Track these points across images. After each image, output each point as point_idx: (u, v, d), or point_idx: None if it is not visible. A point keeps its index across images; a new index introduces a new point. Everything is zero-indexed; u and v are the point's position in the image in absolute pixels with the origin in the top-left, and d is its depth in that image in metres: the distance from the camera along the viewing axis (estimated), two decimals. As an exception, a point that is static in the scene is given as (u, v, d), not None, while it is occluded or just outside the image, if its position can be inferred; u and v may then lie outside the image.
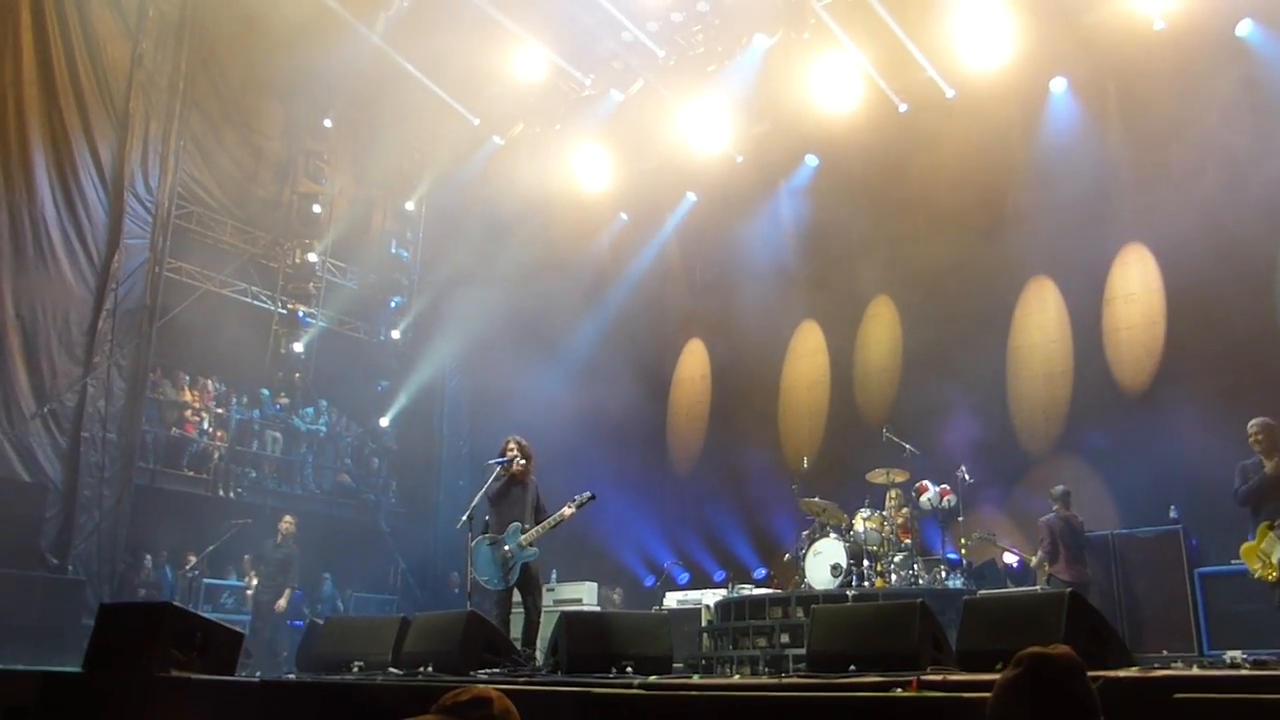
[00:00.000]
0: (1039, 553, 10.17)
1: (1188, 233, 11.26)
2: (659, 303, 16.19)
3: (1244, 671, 4.58)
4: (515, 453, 8.83)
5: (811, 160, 15.00)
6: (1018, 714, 2.36)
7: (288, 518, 12.40)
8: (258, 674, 8.26)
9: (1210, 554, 10.10)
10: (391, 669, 7.29)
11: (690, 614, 11.99)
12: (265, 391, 15.96)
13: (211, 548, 12.22)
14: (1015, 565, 10.83)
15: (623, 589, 14.08)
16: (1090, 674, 3.92)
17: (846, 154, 14.18)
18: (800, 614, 10.15)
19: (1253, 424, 8.69)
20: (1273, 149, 10.66)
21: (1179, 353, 11.43)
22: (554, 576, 12.98)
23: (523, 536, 8.57)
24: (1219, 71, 11.20)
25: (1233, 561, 9.22)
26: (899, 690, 3.94)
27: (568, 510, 8.64)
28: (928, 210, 12.89)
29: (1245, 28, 11.39)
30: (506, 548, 8.55)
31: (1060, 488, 10.48)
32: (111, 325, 13.25)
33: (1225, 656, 8.38)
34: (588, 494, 8.76)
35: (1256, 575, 8.49)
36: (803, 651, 8.53)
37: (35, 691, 5.96)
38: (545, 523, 8.63)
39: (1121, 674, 4.00)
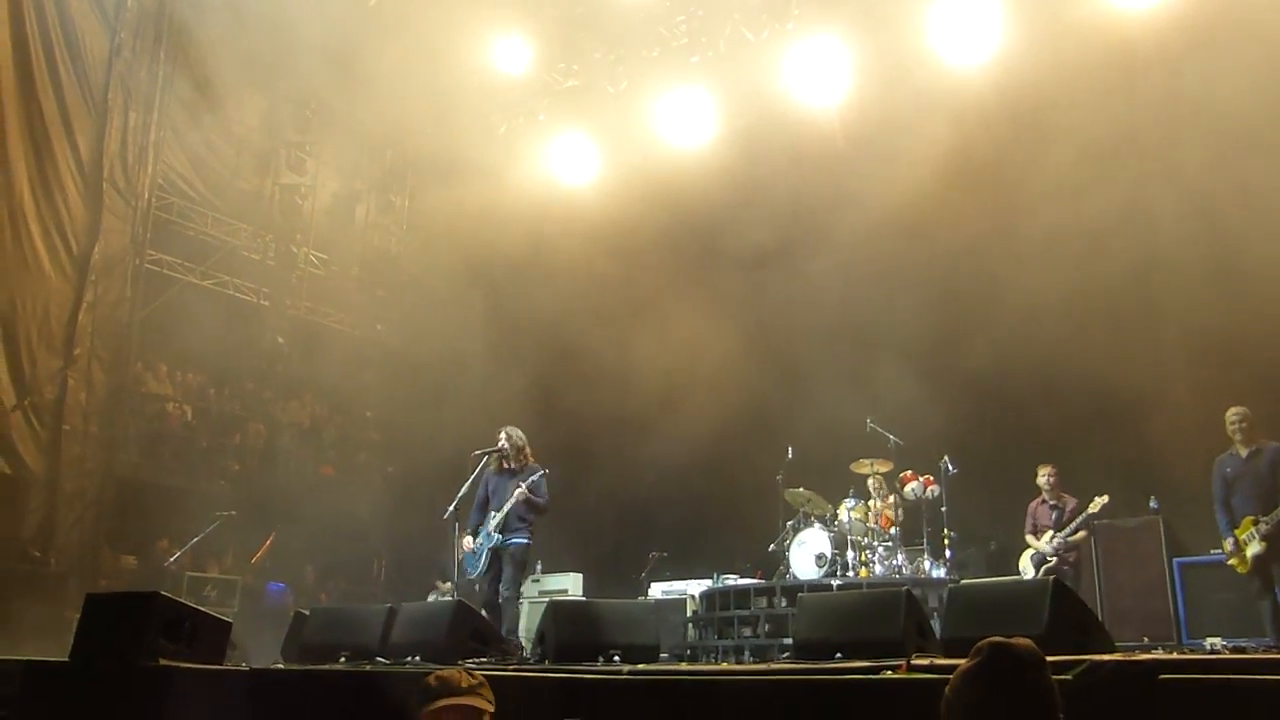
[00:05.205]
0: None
1: (1168, 223, 11.33)
2: (644, 294, 16.13)
3: (1226, 655, 4.65)
4: (503, 441, 8.94)
5: (794, 150, 14.97)
6: (974, 704, 2.31)
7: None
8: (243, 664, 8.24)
9: (1189, 544, 10.19)
10: (379, 658, 7.28)
11: (675, 604, 12.02)
12: (249, 384, 15.88)
13: (194, 540, 12.11)
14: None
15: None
16: (1075, 658, 3.99)
17: (829, 147, 14.19)
18: (785, 604, 10.21)
19: (1232, 412, 8.79)
20: (1259, 139, 10.68)
21: (1159, 343, 11.49)
22: (539, 567, 12.97)
23: (490, 524, 8.83)
24: (1198, 61, 11.25)
25: (1211, 551, 9.33)
26: (889, 673, 3.97)
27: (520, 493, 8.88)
28: (911, 202, 12.91)
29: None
30: (475, 539, 8.99)
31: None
32: (92, 318, 13.16)
33: (1205, 644, 8.51)
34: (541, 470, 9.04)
35: (1230, 562, 8.64)
36: (788, 641, 8.58)
37: (19, 681, 5.93)
38: (501, 511, 8.89)
39: (1106, 658, 4.05)
